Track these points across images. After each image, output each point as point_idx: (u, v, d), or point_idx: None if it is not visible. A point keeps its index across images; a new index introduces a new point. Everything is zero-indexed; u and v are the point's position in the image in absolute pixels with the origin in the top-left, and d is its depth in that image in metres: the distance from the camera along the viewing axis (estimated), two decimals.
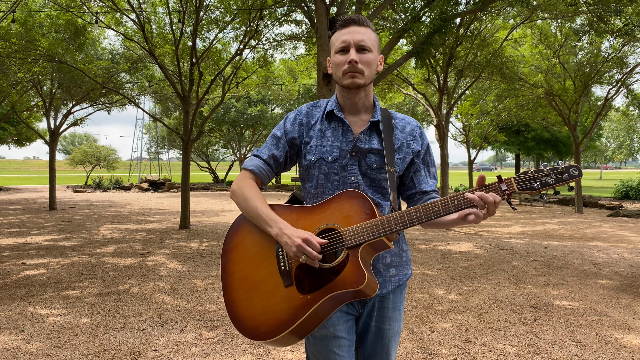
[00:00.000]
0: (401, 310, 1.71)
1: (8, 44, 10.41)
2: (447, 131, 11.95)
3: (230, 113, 27.78)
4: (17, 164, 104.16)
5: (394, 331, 1.67)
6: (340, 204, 1.51)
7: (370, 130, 1.62)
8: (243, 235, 1.63)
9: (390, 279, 1.65)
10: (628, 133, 48.67)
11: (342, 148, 1.59)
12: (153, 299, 4.89)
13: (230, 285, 1.60)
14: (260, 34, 11.33)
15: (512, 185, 1.37)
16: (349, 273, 1.42)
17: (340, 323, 1.59)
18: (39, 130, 22.54)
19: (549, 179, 1.34)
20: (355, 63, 1.52)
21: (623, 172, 71.74)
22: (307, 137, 1.65)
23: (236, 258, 1.61)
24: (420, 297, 5.01)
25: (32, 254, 7.34)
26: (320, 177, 1.62)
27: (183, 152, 10.74)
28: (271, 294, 1.51)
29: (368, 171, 1.60)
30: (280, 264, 1.52)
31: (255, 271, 1.56)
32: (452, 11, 8.48)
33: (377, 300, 1.65)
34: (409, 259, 1.75)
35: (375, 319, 1.65)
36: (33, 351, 3.48)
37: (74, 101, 15.99)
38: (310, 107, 1.70)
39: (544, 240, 9.11)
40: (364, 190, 1.59)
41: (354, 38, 1.54)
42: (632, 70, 13.93)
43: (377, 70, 1.63)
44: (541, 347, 3.62)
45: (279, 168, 1.70)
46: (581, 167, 1.33)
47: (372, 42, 1.58)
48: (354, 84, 1.54)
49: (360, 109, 1.64)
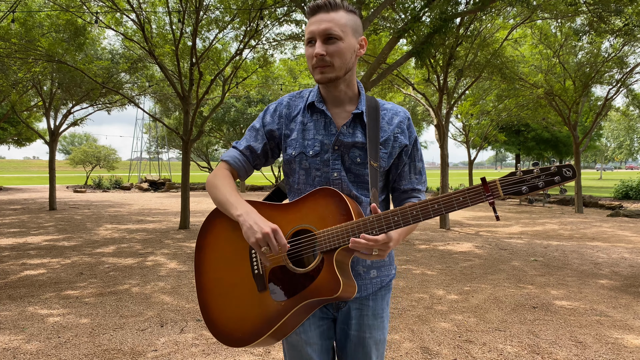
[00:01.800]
0: (384, 318, 1.59)
1: (8, 44, 10.41)
2: (447, 131, 11.94)
3: (230, 113, 27.78)
4: (17, 164, 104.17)
5: (375, 339, 1.57)
6: (316, 202, 1.41)
7: (354, 122, 1.51)
8: (216, 233, 1.54)
9: (371, 281, 1.55)
10: (628, 133, 48.65)
11: (324, 142, 1.49)
12: (153, 299, 4.88)
13: (204, 287, 1.53)
14: (260, 34, 11.33)
15: (497, 190, 1.24)
16: (323, 280, 1.34)
17: (312, 329, 1.54)
18: (38, 130, 22.53)
19: (538, 181, 1.21)
20: (322, 56, 1.40)
21: (623, 172, 71.73)
22: (288, 130, 1.55)
23: (209, 257, 1.54)
24: (420, 297, 5.01)
25: (32, 254, 7.33)
26: (301, 172, 1.52)
27: (183, 152, 10.74)
28: (245, 298, 1.44)
29: (352, 166, 1.49)
30: (254, 267, 1.44)
31: (229, 273, 1.49)
32: (452, 11, 8.47)
33: (355, 308, 1.55)
34: (392, 259, 1.64)
35: (355, 327, 1.55)
36: (33, 351, 3.48)
37: (73, 101, 15.99)
38: (292, 97, 1.60)
39: (544, 240, 9.10)
40: (348, 187, 1.49)
41: (319, 28, 1.41)
42: (632, 70, 13.93)
43: (357, 55, 1.49)
44: (541, 347, 3.61)
45: (257, 160, 1.60)
46: (575, 167, 1.20)
47: (342, 28, 1.42)
48: (324, 79, 1.44)
49: (343, 100, 1.53)
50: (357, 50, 1.48)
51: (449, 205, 1.27)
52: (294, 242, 1.42)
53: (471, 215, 14.43)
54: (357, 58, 1.50)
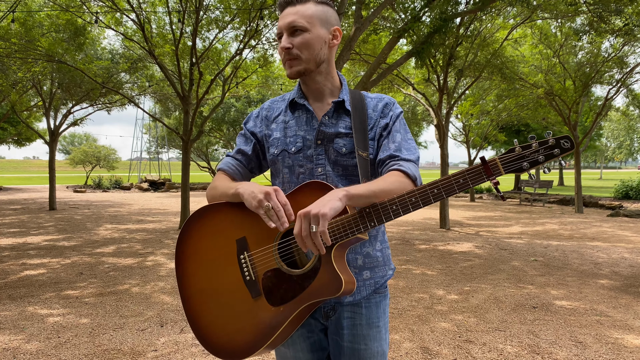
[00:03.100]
0: (381, 328, 1.46)
1: (8, 44, 10.41)
2: (447, 131, 11.94)
3: (230, 113, 27.76)
4: (17, 164, 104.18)
5: (372, 352, 1.43)
6: (305, 197, 1.31)
7: (337, 111, 1.44)
8: (198, 238, 1.44)
9: (364, 282, 1.43)
10: (628, 133, 48.68)
11: (306, 137, 1.43)
12: (153, 299, 4.88)
13: (190, 299, 1.43)
14: (260, 34, 11.32)
15: (497, 168, 1.18)
16: (323, 279, 1.26)
17: (301, 341, 1.46)
18: (38, 130, 22.53)
19: (538, 155, 1.17)
20: (288, 49, 1.36)
21: (623, 172, 71.73)
22: (269, 130, 1.51)
23: (193, 265, 1.43)
24: (420, 297, 5.01)
25: (31, 254, 7.33)
26: (285, 171, 1.46)
27: (183, 152, 10.73)
28: (239, 307, 1.35)
29: (338, 158, 1.41)
30: (245, 274, 1.35)
31: (218, 281, 1.39)
32: (452, 11, 8.47)
33: (347, 317, 1.43)
34: (388, 257, 1.51)
35: (347, 338, 1.42)
36: (33, 351, 3.48)
37: (73, 101, 15.99)
38: (273, 101, 1.57)
39: (544, 240, 9.10)
40: (334, 182, 1.41)
41: (285, 22, 1.37)
42: (632, 70, 13.93)
43: (331, 46, 1.42)
44: (541, 347, 3.61)
45: (251, 163, 1.55)
46: (572, 138, 1.17)
47: (308, 19, 1.36)
48: (293, 73, 1.39)
49: (324, 93, 1.47)
50: (329, 41, 1.41)
51: (449, 188, 1.20)
52: (285, 243, 1.34)
53: (471, 215, 14.43)
54: (331, 49, 1.44)
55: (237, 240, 1.38)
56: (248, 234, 1.37)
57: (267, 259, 1.34)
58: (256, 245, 1.35)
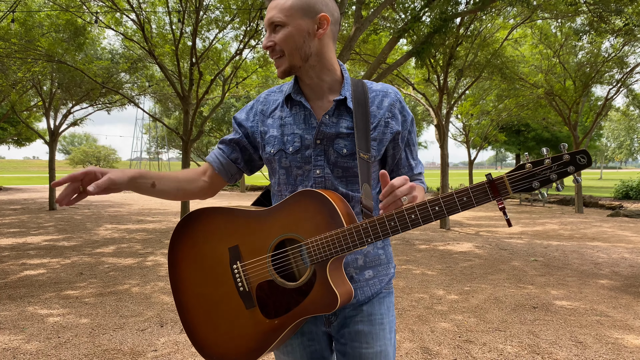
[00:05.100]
0: (385, 325, 1.38)
1: (8, 44, 10.40)
2: (447, 131, 11.94)
3: (230, 113, 27.77)
4: (17, 164, 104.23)
5: (376, 353, 1.35)
6: (300, 208, 1.25)
7: (338, 110, 1.34)
8: (190, 245, 1.40)
9: (367, 282, 1.36)
10: (628, 133, 48.69)
11: (304, 137, 1.33)
12: (153, 299, 4.88)
13: (186, 305, 1.39)
14: (260, 34, 11.31)
15: (505, 188, 1.09)
16: (318, 295, 1.21)
17: (300, 349, 1.41)
18: (38, 130, 22.52)
19: (550, 173, 1.07)
20: (270, 47, 1.30)
21: (623, 172, 71.73)
22: (264, 127, 1.41)
23: (187, 272, 1.39)
24: (420, 297, 5.00)
25: (31, 254, 7.33)
26: (281, 172, 1.38)
27: (183, 152, 10.72)
28: (234, 317, 1.32)
29: (339, 160, 1.32)
30: (238, 285, 1.31)
31: (212, 290, 1.35)
32: (452, 11, 8.47)
33: (348, 317, 1.37)
34: (390, 256, 1.45)
35: (349, 337, 1.36)
36: (33, 351, 3.48)
37: (73, 101, 15.99)
38: (271, 92, 1.47)
39: (544, 240, 9.10)
40: (333, 185, 1.33)
41: (265, 19, 1.30)
42: (632, 70, 13.93)
43: (318, 36, 1.30)
44: (541, 347, 3.61)
45: (234, 153, 1.46)
46: (589, 153, 1.05)
47: (286, 12, 1.27)
48: (280, 72, 1.33)
49: (322, 89, 1.37)
50: (313, 31, 1.29)
51: (451, 206, 1.13)
52: (279, 254, 1.28)
53: (471, 215, 14.42)
54: (320, 40, 1.31)
55: (229, 248, 1.33)
56: (241, 243, 1.32)
57: (260, 270, 1.29)
58: (249, 255, 1.31)
